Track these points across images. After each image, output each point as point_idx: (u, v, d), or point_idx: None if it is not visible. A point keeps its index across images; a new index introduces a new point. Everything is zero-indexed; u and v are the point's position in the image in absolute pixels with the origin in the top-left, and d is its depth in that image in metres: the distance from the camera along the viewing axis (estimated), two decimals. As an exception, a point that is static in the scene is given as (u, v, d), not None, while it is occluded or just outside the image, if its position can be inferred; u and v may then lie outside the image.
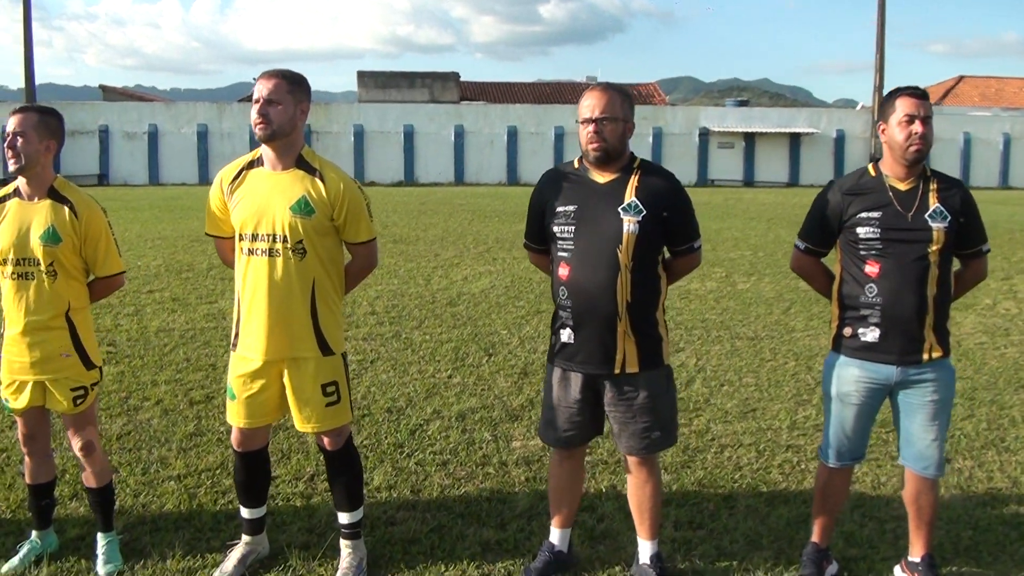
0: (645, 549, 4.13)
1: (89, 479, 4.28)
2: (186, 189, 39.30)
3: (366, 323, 9.63)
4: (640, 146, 47.24)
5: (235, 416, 4.05)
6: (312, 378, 3.94)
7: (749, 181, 47.56)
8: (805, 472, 5.45)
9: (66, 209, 4.05)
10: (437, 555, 4.32)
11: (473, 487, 5.17)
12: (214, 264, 13.75)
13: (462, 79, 55.51)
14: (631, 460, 4.05)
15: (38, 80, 46.24)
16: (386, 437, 6.00)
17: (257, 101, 3.80)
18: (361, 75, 53.15)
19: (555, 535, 4.23)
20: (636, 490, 4.10)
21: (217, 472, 5.38)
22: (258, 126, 3.80)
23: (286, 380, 3.96)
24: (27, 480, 4.37)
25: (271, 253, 3.86)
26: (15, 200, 4.10)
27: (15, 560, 4.22)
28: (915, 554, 4.11)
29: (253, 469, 4.20)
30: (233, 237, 4.03)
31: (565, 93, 58.36)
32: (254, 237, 3.88)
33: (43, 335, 4.07)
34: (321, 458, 5.47)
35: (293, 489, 5.12)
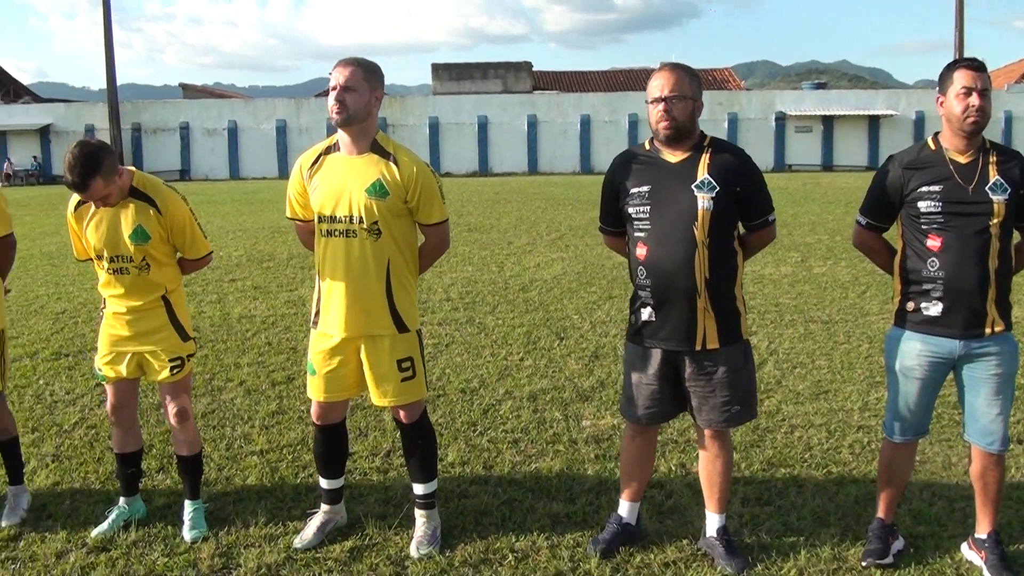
0: (712, 522, 4.19)
1: (180, 447, 4.54)
2: (266, 183, 40.25)
3: (441, 309, 9.83)
4: (715, 132, 45.86)
5: (315, 390, 4.25)
6: (388, 354, 4.11)
7: (827, 165, 46.71)
8: (875, 452, 5.42)
9: (151, 209, 4.28)
10: (508, 527, 4.46)
11: (543, 463, 5.29)
12: (294, 253, 14.14)
13: (535, 68, 55.54)
14: (706, 433, 4.10)
15: (119, 81, 47.75)
16: (460, 416, 6.16)
17: (334, 88, 3.96)
18: (435, 67, 53.63)
19: (624, 508, 4.32)
20: (708, 463, 4.17)
21: (298, 447, 5.61)
22: (335, 111, 3.97)
23: (363, 356, 4.14)
24: (115, 449, 4.66)
25: (348, 234, 4.04)
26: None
27: (104, 525, 4.49)
28: (981, 531, 4.10)
29: (332, 441, 4.39)
30: (313, 221, 4.22)
31: (639, 80, 57.95)
32: (332, 219, 4.07)
33: (142, 314, 4.37)
34: (397, 435, 5.67)
35: (370, 464, 5.31)
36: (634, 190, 3.97)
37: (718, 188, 3.85)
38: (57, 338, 8.83)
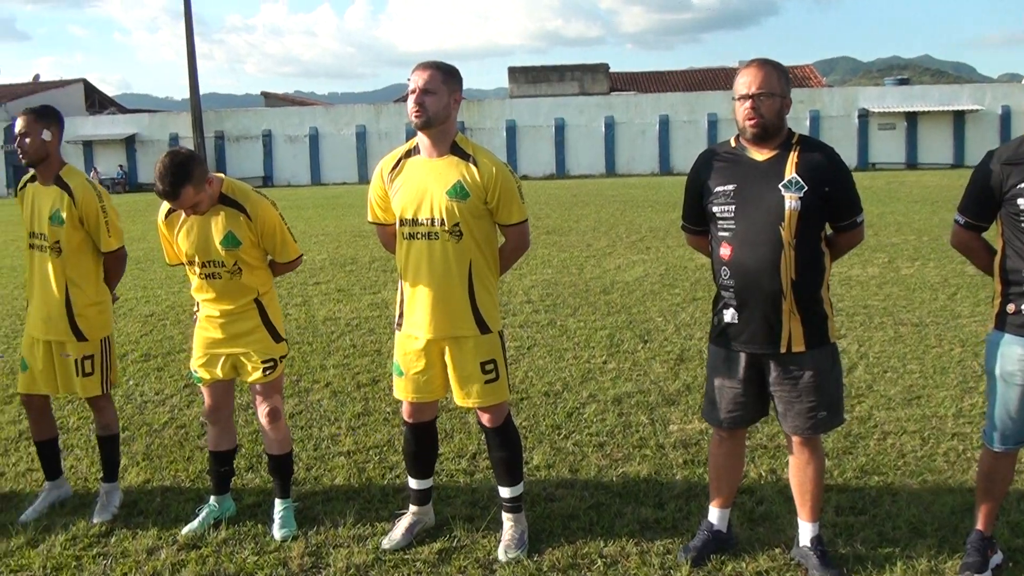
0: (805, 531, 4.07)
1: (271, 446, 4.58)
2: (347, 188, 40.82)
3: (522, 311, 9.81)
4: (797, 130, 45.74)
5: (403, 391, 4.26)
6: (472, 355, 4.10)
7: (912, 163, 45.49)
8: (971, 460, 5.22)
9: (241, 215, 4.34)
10: (596, 531, 4.39)
11: (630, 468, 5.22)
12: (376, 256, 14.29)
13: (612, 70, 55.30)
14: (795, 440, 3.99)
15: (202, 91, 49.14)
16: (544, 419, 6.12)
17: (413, 92, 3.97)
18: (512, 71, 53.81)
19: (714, 515, 4.22)
20: (798, 471, 4.05)
21: (384, 449, 5.63)
22: (414, 114, 3.97)
23: (448, 358, 4.14)
24: (209, 447, 4.74)
25: (430, 236, 4.04)
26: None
27: (195, 523, 4.57)
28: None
29: (422, 440, 4.39)
30: (394, 225, 4.23)
31: (718, 79, 57.26)
32: (414, 222, 4.07)
33: (236, 317, 4.44)
34: (482, 437, 5.66)
35: (456, 466, 5.30)
36: (718, 188, 3.88)
37: (806, 188, 3.74)
38: (146, 340, 9.06)
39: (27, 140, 4.60)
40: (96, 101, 64.47)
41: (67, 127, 5.79)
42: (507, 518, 4.30)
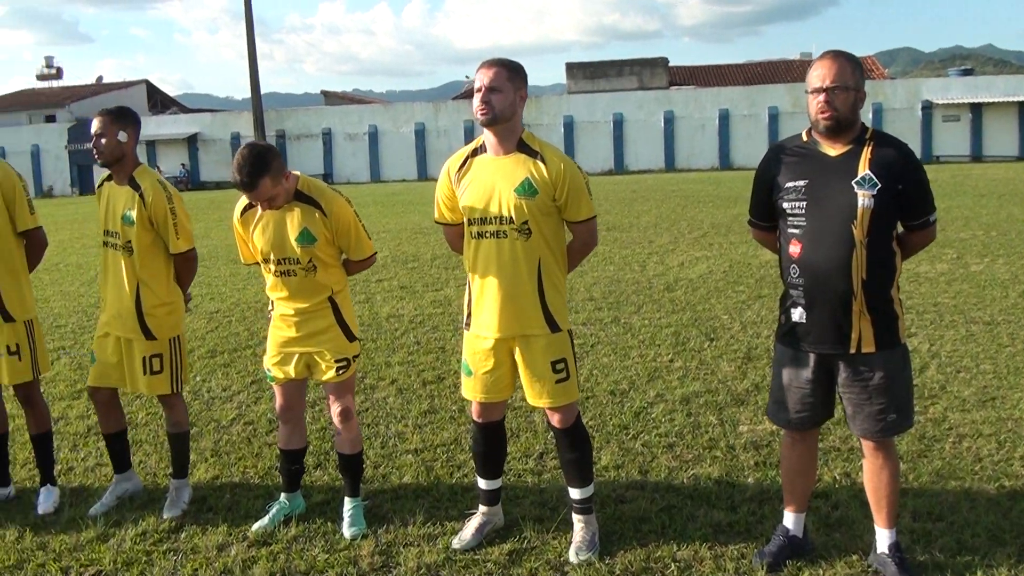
0: (883, 538, 3.96)
1: (343, 445, 4.58)
2: (406, 185, 41.07)
3: (585, 308, 9.74)
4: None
5: (472, 391, 4.23)
6: (542, 355, 4.05)
7: (977, 156, 44.32)
8: (1051, 465, 5.05)
9: (316, 212, 4.34)
10: (668, 535, 4.32)
11: (701, 469, 5.13)
12: (437, 254, 14.33)
13: (670, 64, 54.84)
14: (867, 445, 3.89)
15: (262, 90, 49.82)
16: (611, 419, 6.05)
17: (479, 90, 3.93)
18: (569, 66, 53.63)
19: (789, 519, 4.12)
20: (873, 476, 3.93)
21: (451, 447, 5.62)
22: (480, 112, 3.93)
23: (517, 357, 4.10)
24: (280, 446, 4.75)
25: (498, 235, 4.01)
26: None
27: (265, 520, 4.60)
28: None
29: (491, 440, 4.35)
30: (461, 224, 4.20)
31: (778, 72, 56.48)
32: (482, 220, 4.04)
33: (310, 315, 4.44)
34: (549, 437, 5.62)
35: (524, 466, 5.26)
36: (789, 184, 3.78)
37: (879, 185, 3.63)
38: (212, 337, 9.17)
39: (103, 140, 4.67)
40: (158, 101, 65.82)
41: None
42: (578, 520, 4.25)
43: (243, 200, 4.48)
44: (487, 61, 4.00)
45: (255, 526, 4.55)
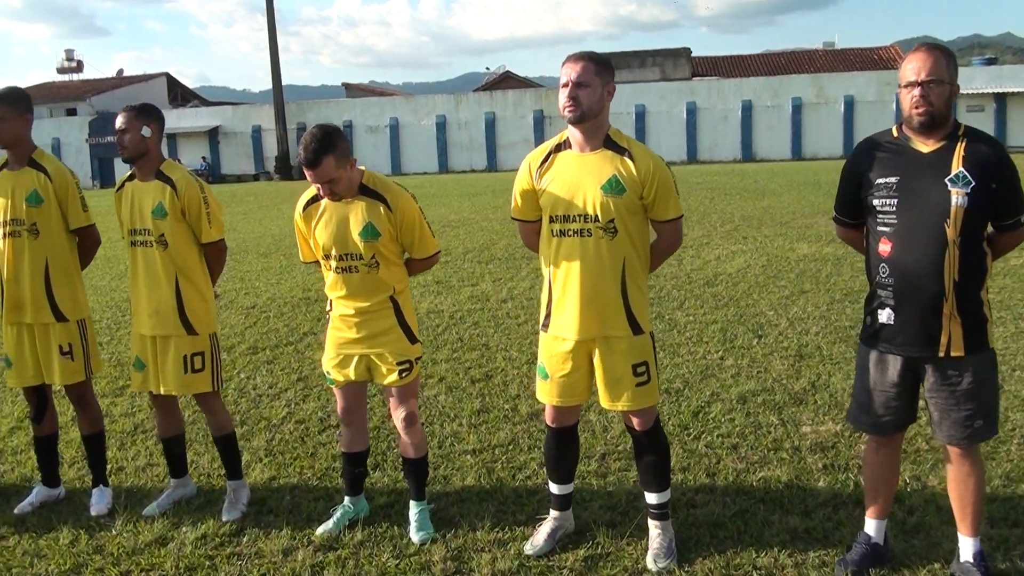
0: (967, 546, 3.83)
1: (407, 449, 4.47)
2: (428, 177, 40.94)
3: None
4: (884, 113, 44.58)
5: (547, 395, 4.11)
6: (623, 357, 3.93)
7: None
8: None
9: (381, 206, 4.23)
10: (745, 540, 4.21)
11: (769, 472, 5.00)
12: (469, 248, 14.24)
13: (693, 55, 54.48)
14: (952, 451, 3.76)
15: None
16: (669, 418, 5.92)
17: (565, 85, 3.80)
18: (591, 57, 53.31)
19: (871, 526, 4.00)
20: (958, 483, 3.80)
21: (510, 448, 5.52)
22: (567, 109, 3.80)
23: (596, 359, 3.98)
24: (342, 448, 4.65)
25: (583, 234, 3.88)
26: (327, 200, 4.30)
27: (330, 523, 4.50)
28: None
29: (565, 445, 4.25)
30: (538, 221, 4.08)
31: (801, 62, 56.02)
32: (565, 218, 3.91)
33: (370, 316, 4.32)
34: (608, 437, 5.52)
35: (586, 468, 5.14)
36: (879, 180, 3.65)
37: (973, 183, 3.50)
38: (251, 332, 9.10)
39: (127, 136, 4.59)
40: (178, 94, 65.94)
41: None
42: (654, 525, 4.14)
43: (306, 194, 4.39)
44: (573, 56, 3.87)
45: (319, 530, 4.46)
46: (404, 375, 4.33)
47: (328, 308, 4.48)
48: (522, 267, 12.44)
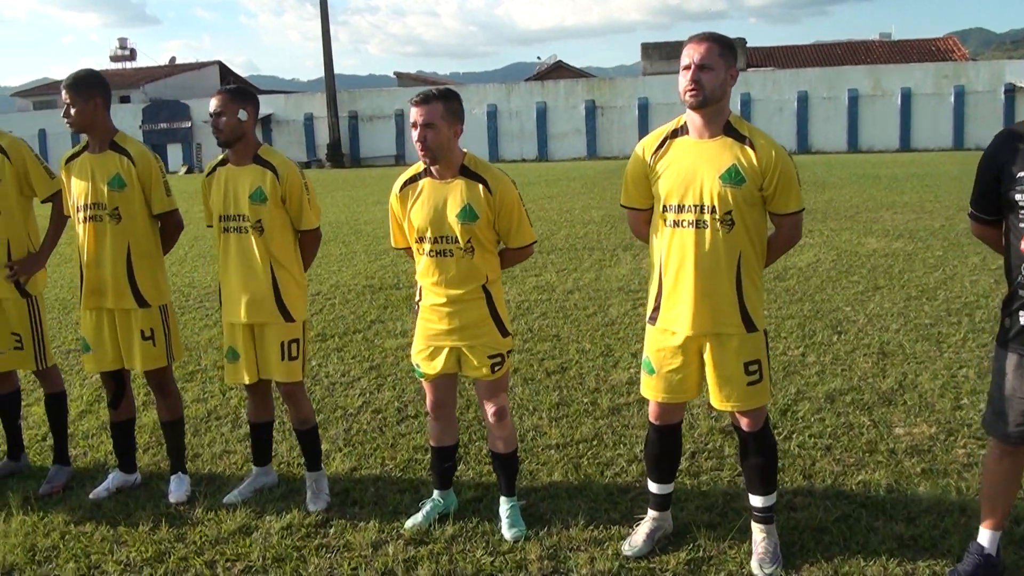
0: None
1: (497, 444, 4.36)
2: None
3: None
4: (941, 107, 43.65)
5: (653, 391, 3.97)
6: (735, 355, 3.78)
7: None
8: None
9: (480, 186, 4.09)
10: (850, 548, 4.03)
11: (866, 475, 4.81)
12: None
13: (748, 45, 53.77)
14: None
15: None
16: (756, 416, 5.76)
17: (687, 68, 3.64)
18: (645, 47, 52.95)
19: (985, 536, 3.79)
20: None
21: (595, 443, 5.39)
22: (689, 93, 3.63)
23: (707, 356, 3.82)
24: (432, 443, 4.52)
25: (698, 225, 3.71)
26: (427, 180, 4.19)
27: (419, 517, 4.40)
28: None
29: (668, 443, 4.10)
30: (649, 210, 3.94)
31: (857, 54, 55.04)
32: (680, 208, 3.75)
33: (462, 305, 4.18)
34: (696, 434, 5.38)
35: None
36: (1022, 174, 3.44)
37: None
38: (318, 320, 9.07)
39: (223, 119, 4.51)
40: (231, 83, 66.58)
41: (201, 110, 5.65)
42: (758, 529, 3.98)
43: (404, 175, 4.29)
44: (697, 36, 3.68)
45: (408, 523, 4.37)
46: (496, 369, 4.20)
47: (417, 298, 4.34)
48: (584, 258, 12.30)
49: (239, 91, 4.62)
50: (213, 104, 4.54)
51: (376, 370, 7.15)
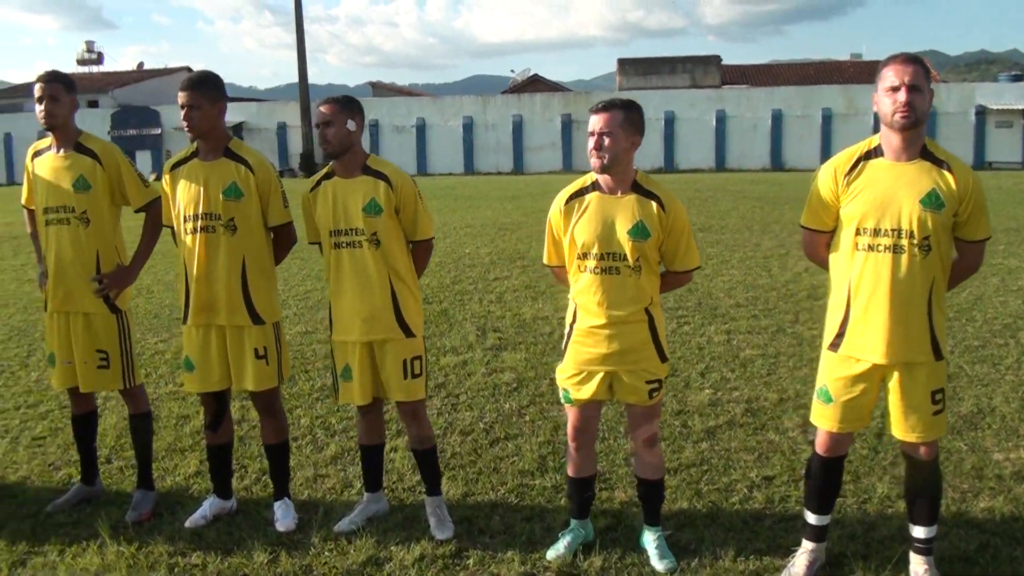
0: None
1: (646, 471, 4.29)
2: (456, 179, 40.68)
3: (739, 316, 9.38)
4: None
5: (827, 419, 3.93)
6: (924, 384, 3.76)
7: (1029, 162, 43.66)
8: None
9: (653, 204, 4.02)
10: (1004, 577, 4.04)
11: (986, 503, 4.81)
12: (540, 253, 13.98)
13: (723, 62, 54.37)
14: None
15: (285, 81, 50.27)
16: (857, 438, 5.72)
17: (896, 89, 3.61)
18: (622, 62, 53.23)
19: None
20: None
21: (705, 469, 5.34)
22: (900, 114, 3.60)
23: (892, 384, 3.79)
24: (571, 473, 4.41)
25: (895, 250, 3.68)
26: (595, 194, 4.10)
27: (561, 547, 4.30)
28: None
29: (833, 474, 4.07)
30: (831, 232, 3.91)
31: (832, 73, 55.85)
32: (876, 232, 3.71)
33: (624, 328, 4.07)
34: (802, 457, 5.34)
35: (793, 491, 4.96)
36: None
37: None
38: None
39: (331, 131, 4.42)
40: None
41: (171, 116, 5.51)
42: (919, 561, 3.97)
43: (569, 188, 4.18)
44: (899, 57, 3.69)
45: (550, 554, 4.28)
46: (653, 395, 4.13)
47: (571, 320, 4.23)
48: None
49: (348, 100, 4.52)
50: (320, 114, 4.43)
51: (443, 388, 7.04)
